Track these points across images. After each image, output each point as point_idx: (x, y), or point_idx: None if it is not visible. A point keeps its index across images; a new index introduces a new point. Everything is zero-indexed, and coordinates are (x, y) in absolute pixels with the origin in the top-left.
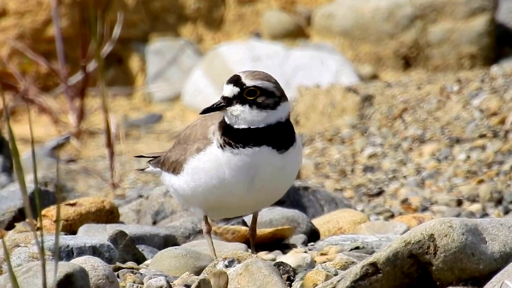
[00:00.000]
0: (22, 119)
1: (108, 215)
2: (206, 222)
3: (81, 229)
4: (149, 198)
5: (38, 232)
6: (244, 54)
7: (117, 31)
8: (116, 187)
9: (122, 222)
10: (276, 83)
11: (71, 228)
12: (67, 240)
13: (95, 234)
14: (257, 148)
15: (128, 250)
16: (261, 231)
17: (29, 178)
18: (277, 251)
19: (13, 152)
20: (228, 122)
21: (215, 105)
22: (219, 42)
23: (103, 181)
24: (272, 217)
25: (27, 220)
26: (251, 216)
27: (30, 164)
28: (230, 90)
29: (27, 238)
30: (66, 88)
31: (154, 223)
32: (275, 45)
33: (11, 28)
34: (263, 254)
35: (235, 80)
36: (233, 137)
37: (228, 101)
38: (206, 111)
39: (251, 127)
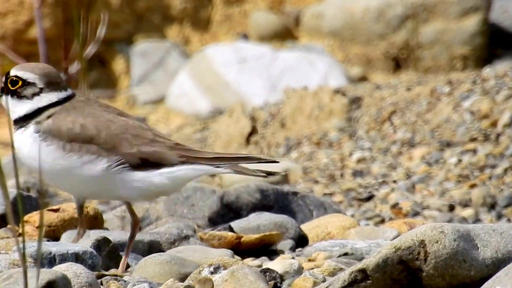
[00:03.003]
0: (1, 122)
1: (92, 221)
2: (131, 213)
3: (64, 236)
4: (134, 204)
5: (20, 238)
6: (230, 56)
7: (100, 32)
8: None
9: (106, 229)
10: (42, 74)
11: (54, 234)
12: (49, 247)
13: (78, 241)
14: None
15: (111, 257)
16: (248, 237)
17: (10, 183)
18: (264, 257)
19: None
20: None
21: None
22: (206, 44)
23: None
24: (259, 223)
25: (8, 226)
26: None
27: (11, 169)
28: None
29: (8, 245)
30: None
31: (139, 229)
32: (263, 47)
33: None
34: (249, 260)
35: (8, 71)
36: None
37: (0, 91)
38: None
39: (16, 117)
